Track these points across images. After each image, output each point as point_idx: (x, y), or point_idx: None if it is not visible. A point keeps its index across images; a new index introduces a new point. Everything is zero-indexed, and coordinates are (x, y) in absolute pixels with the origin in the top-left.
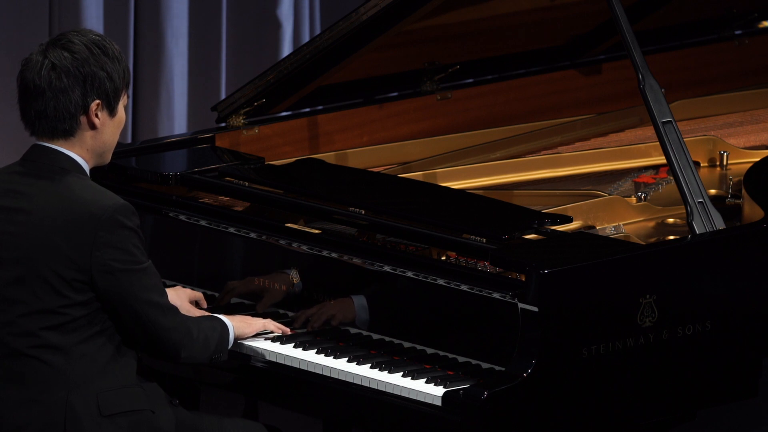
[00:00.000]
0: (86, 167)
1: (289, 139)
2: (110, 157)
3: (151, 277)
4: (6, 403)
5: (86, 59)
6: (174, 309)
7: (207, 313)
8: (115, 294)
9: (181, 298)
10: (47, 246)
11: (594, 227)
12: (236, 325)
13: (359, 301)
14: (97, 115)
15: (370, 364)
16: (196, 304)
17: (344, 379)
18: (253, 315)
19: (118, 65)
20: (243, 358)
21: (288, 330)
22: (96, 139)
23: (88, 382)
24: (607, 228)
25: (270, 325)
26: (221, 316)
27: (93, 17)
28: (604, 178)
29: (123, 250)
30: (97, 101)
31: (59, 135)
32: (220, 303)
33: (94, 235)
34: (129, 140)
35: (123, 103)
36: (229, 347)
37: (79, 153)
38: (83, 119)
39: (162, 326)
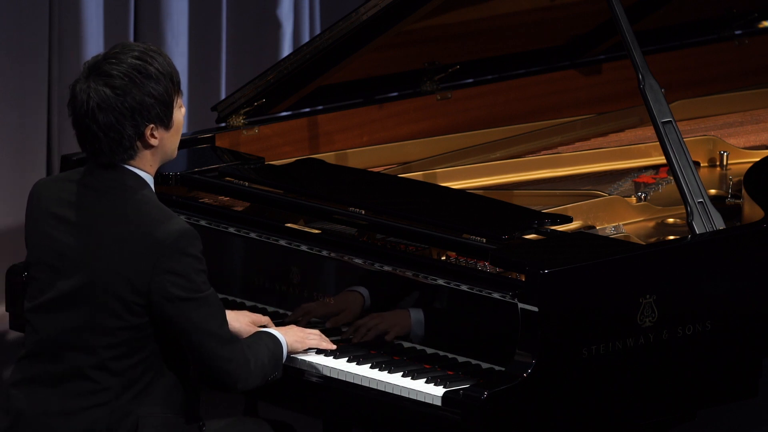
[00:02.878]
0: (150, 179)
1: (289, 139)
2: (176, 154)
3: (212, 306)
4: (48, 410)
5: (128, 91)
6: (233, 339)
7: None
8: (174, 321)
9: (241, 322)
10: (108, 266)
11: (594, 227)
12: (290, 341)
13: (415, 315)
14: (153, 135)
15: (370, 364)
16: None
17: (344, 379)
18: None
19: (163, 80)
20: None
21: (333, 346)
22: (156, 154)
23: (129, 408)
24: (607, 228)
25: (323, 343)
26: (275, 332)
27: (93, 17)
28: (604, 178)
29: (184, 277)
30: (151, 125)
31: (119, 161)
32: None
33: (155, 260)
34: None
35: (178, 107)
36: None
37: (142, 167)
38: (139, 144)
39: (219, 357)
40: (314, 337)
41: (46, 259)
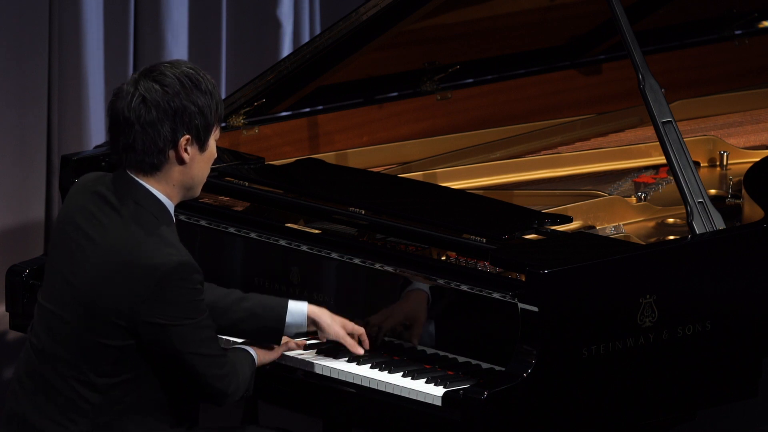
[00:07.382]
0: (169, 204)
1: (289, 139)
2: (200, 191)
3: (203, 330)
4: (37, 412)
5: (177, 93)
6: (222, 356)
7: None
8: (162, 345)
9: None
10: (103, 285)
11: (594, 227)
12: (259, 352)
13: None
14: (186, 150)
15: (370, 364)
16: None
17: (344, 379)
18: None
19: (211, 99)
20: None
21: (295, 347)
22: (184, 174)
23: (113, 424)
24: (607, 228)
25: (291, 343)
26: (247, 347)
27: (93, 17)
28: (604, 178)
29: (175, 306)
30: (187, 136)
31: (146, 169)
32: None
33: (146, 290)
34: None
35: (215, 137)
36: None
37: (164, 190)
38: (171, 154)
39: (212, 376)
40: (282, 347)
41: (57, 262)
